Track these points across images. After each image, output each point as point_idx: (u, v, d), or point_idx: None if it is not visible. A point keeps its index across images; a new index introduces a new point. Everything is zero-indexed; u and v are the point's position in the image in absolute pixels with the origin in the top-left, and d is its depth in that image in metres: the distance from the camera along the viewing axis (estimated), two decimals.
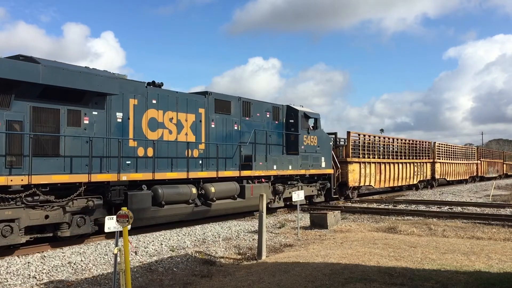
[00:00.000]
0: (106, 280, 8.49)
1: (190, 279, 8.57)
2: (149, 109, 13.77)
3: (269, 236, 13.23)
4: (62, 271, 9.23)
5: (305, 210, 19.36)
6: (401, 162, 29.79)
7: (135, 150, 13.28)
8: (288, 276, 8.33)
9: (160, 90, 14.31)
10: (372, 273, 8.27)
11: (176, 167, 14.51)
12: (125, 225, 6.67)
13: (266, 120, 18.68)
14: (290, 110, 19.94)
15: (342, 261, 9.38)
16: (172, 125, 14.55)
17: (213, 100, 16.11)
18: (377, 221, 16.56)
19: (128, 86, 13.19)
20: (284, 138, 19.62)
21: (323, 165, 21.31)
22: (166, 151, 14.27)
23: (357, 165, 24.59)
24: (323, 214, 15.03)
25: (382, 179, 27.27)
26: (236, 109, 17.17)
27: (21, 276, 8.76)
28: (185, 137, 14.94)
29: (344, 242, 11.99)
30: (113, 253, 6.96)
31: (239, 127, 17.26)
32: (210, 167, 15.72)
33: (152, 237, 12.67)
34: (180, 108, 14.82)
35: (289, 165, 19.01)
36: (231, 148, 16.79)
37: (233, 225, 15.43)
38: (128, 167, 13.01)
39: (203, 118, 15.69)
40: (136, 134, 13.34)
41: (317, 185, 21.29)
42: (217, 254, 11.07)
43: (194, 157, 15.26)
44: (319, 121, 21.23)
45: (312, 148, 20.64)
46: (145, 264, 9.82)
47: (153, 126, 13.90)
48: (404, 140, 31.86)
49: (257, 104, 18.30)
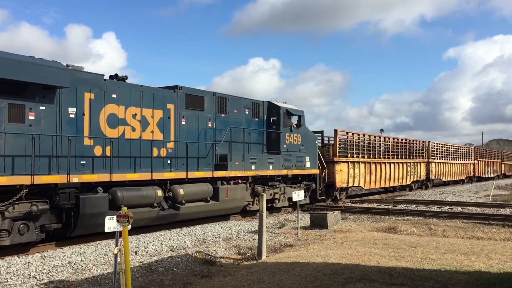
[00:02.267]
0: (106, 280, 8.47)
1: (190, 279, 8.57)
2: (108, 104, 12.58)
3: (269, 236, 13.18)
4: (62, 271, 9.20)
5: (305, 210, 19.06)
6: (393, 162, 28.62)
7: (91, 149, 12.10)
8: (288, 276, 8.31)
9: (121, 83, 13.13)
10: (372, 273, 8.25)
11: (140, 167, 13.34)
12: (125, 225, 6.67)
13: (244, 117, 17.50)
14: (272, 107, 18.78)
15: (342, 261, 9.36)
16: (136, 122, 13.37)
17: (183, 95, 14.93)
18: (377, 221, 16.43)
19: (83, 78, 12.00)
20: (265, 137, 18.45)
21: (307, 165, 20.14)
22: (128, 150, 13.09)
23: (345, 165, 23.41)
24: (323, 214, 14.96)
25: (372, 179, 26.09)
26: (211, 105, 15.99)
27: (21, 276, 8.74)
28: (151, 135, 13.76)
29: (344, 242, 11.92)
30: (113, 253, 6.97)
31: (214, 124, 16.08)
32: (180, 168, 14.54)
33: (152, 237, 12.58)
34: (145, 103, 13.64)
35: (270, 165, 17.84)
36: (204, 147, 15.62)
37: (233, 225, 15.30)
38: (82, 167, 11.83)
39: (172, 114, 14.50)
40: (92, 131, 12.15)
41: (302, 186, 20.11)
42: (217, 254, 11.04)
43: (161, 156, 14.08)
44: (303, 118, 20.05)
45: (296, 147, 19.47)
46: (145, 264, 9.79)
47: (113, 122, 12.72)
48: (397, 139, 30.70)
49: (234, 100, 17.13)
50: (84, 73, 12.12)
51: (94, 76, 12.37)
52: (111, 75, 13.47)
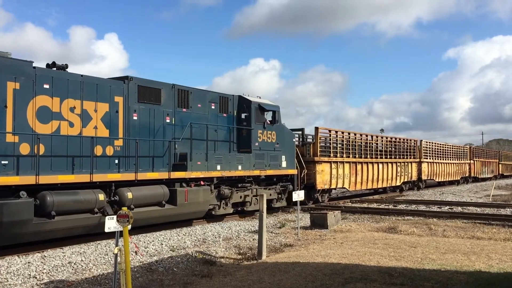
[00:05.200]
0: (107, 280, 8.44)
1: (190, 279, 8.56)
2: (38, 96, 10.96)
3: (269, 236, 13.15)
4: (63, 271, 9.17)
5: (305, 210, 18.74)
6: (381, 162, 27.00)
7: (15, 146, 10.47)
8: (288, 276, 8.30)
9: (55, 72, 11.52)
10: (372, 273, 8.26)
11: (79, 168, 11.72)
12: (125, 225, 6.63)
13: (210, 112, 15.88)
14: (243, 101, 17.17)
15: (342, 261, 9.36)
16: (75, 116, 11.75)
17: (135, 86, 13.31)
18: (377, 221, 16.32)
19: (5, 65, 10.38)
20: (234, 134, 16.84)
21: (283, 164, 18.53)
22: (64, 148, 11.47)
23: (327, 165, 21.78)
24: (324, 214, 14.87)
25: (358, 180, 24.46)
26: (169, 98, 14.36)
27: (21, 276, 8.69)
28: (94, 131, 12.15)
29: (345, 242, 11.89)
30: (114, 253, 6.92)
31: (173, 120, 14.46)
32: (131, 168, 12.93)
33: (152, 237, 12.49)
34: (86, 95, 12.02)
35: (239, 165, 16.22)
36: (161, 145, 14.00)
37: (233, 225, 15.15)
38: (4, 168, 10.21)
39: (120, 108, 12.88)
40: (17, 126, 10.53)
41: (277, 188, 18.52)
42: (217, 254, 11.01)
43: (107, 155, 12.46)
44: (279, 114, 18.45)
45: (270, 146, 17.86)
46: (145, 264, 9.77)
47: (45, 116, 11.10)
48: (386, 138, 29.12)
49: (197, 93, 15.51)
50: (7, 60, 10.50)
51: (20, 63, 10.74)
52: (47, 63, 11.90)
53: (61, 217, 10.83)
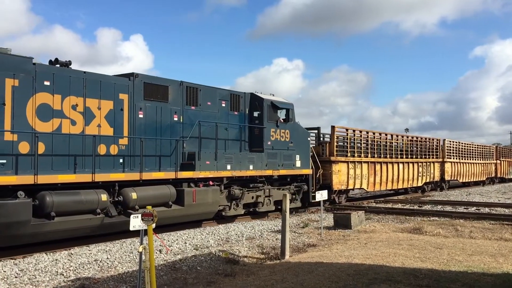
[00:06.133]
0: (132, 278, 8.49)
1: (214, 278, 8.54)
2: (38, 93, 10.65)
3: (293, 236, 13.00)
4: (89, 268, 9.24)
5: (328, 210, 18.47)
6: (401, 161, 26.12)
7: (14, 145, 10.17)
8: (311, 276, 8.25)
9: (56, 68, 11.19)
10: (397, 274, 8.15)
11: (82, 167, 11.38)
12: (150, 224, 6.68)
13: (220, 110, 15.41)
14: (255, 99, 16.65)
15: (366, 262, 9.24)
16: (77, 114, 11.41)
17: (141, 83, 12.92)
18: (402, 221, 16.10)
19: (3, 61, 10.08)
20: (246, 132, 16.33)
21: (297, 164, 17.94)
22: (66, 147, 11.14)
23: (344, 165, 21.08)
24: (347, 214, 14.72)
25: (377, 181, 23.66)
26: (177, 96, 13.94)
27: (49, 273, 8.78)
28: (98, 130, 11.79)
29: (368, 242, 11.80)
30: (138, 251, 6.88)
31: (181, 118, 14.03)
32: (137, 168, 12.55)
33: (176, 235, 12.53)
34: (89, 92, 11.67)
35: (250, 164, 15.71)
36: (168, 144, 13.59)
37: (256, 224, 15.08)
38: (2, 167, 9.91)
39: (125, 105, 12.51)
40: (16, 124, 10.23)
41: (291, 189, 17.94)
42: (240, 253, 10.98)
43: (111, 154, 12.10)
44: (293, 112, 17.87)
45: (283, 144, 17.30)
46: (170, 262, 9.78)
47: (46, 114, 10.78)
48: (406, 137, 28.20)
49: (207, 90, 15.05)
50: (5, 56, 10.20)
51: (19, 59, 10.43)
52: (50, 59, 11.61)
53: (61, 218, 10.50)
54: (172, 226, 13.59)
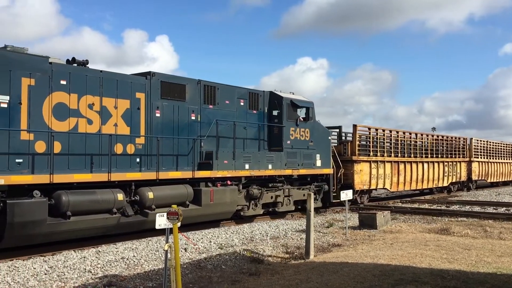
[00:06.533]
0: (157, 276, 8.57)
1: (238, 277, 8.56)
2: (54, 92, 10.65)
3: (317, 235, 12.94)
4: (116, 265, 9.37)
5: (353, 210, 18.34)
6: (426, 161, 25.50)
7: (30, 144, 10.19)
8: (336, 276, 8.17)
9: (73, 68, 11.19)
10: (424, 275, 8.01)
11: (98, 167, 11.35)
12: (175, 222, 6.76)
13: (239, 109, 15.24)
14: (274, 98, 16.42)
15: (392, 262, 9.14)
16: (93, 113, 11.38)
17: (158, 82, 12.84)
18: (429, 222, 15.85)
19: (19, 61, 10.10)
20: (265, 131, 16.12)
21: (318, 163, 17.64)
22: (82, 146, 11.13)
23: (366, 164, 20.65)
24: (373, 214, 14.60)
25: (400, 181, 23.13)
26: (194, 95, 13.83)
27: (77, 270, 8.93)
28: (114, 129, 11.76)
29: (394, 243, 11.68)
30: (164, 250, 7.01)
31: (198, 117, 13.91)
32: (154, 167, 12.47)
33: (201, 234, 12.60)
34: (106, 91, 11.64)
35: (269, 164, 15.49)
36: (186, 143, 13.48)
37: (280, 224, 15.06)
38: (18, 167, 9.95)
39: (142, 104, 12.44)
40: (33, 123, 10.25)
41: (312, 188, 17.65)
42: (265, 252, 10.97)
43: (128, 154, 12.05)
44: (313, 111, 17.56)
45: (303, 144, 17.02)
46: (195, 261, 9.84)
47: (62, 114, 10.78)
48: (432, 136, 27.52)
49: (225, 89, 14.89)
50: (21, 55, 10.23)
51: (35, 58, 10.46)
52: (68, 59, 11.62)
53: (77, 217, 10.48)
54: (191, 226, 13.45)
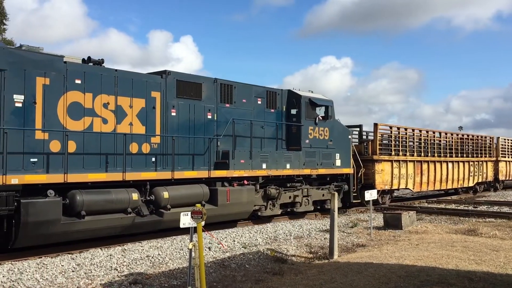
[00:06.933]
0: (182, 274, 8.63)
1: (262, 276, 8.59)
2: (69, 91, 10.63)
3: (341, 235, 12.94)
4: (141, 264, 9.51)
5: (378, 210, 18.25)
6: (451, 160, 24.85)
7: (45, 144, 10.18)
8: (361, 276, 8.09)
9: (87, 67, 11.15)
10: (450, 277, 7.90)
11: (113, 166, 11.30)
12: (199, 221, 6.82)
13: (256, 108, 15.04)
14: (292, 96, 16.17)
15: (418, 263, 9.02)
16: (108, 113, 11.33)
17: (173, 81, 12.73)
18: (456, 222, 15.67)
19: (34, 60, 10.10)
20: (283, 130, 15.88)
21: (337, 163, 17.30)
22: (97, 145, 11.09)
23: (388, 164, 20.20)
24: (398, 214, 14.43)
25: (424, 181, 22.57)
26: (210, 93, 13.68)
27: (103, 268, 9.07)
28: (129, 128, 11.69)
29: (420, 243, 11.54)
30: (188, 248, 7.13)
31: (215, 116, 13.76)
32: (169, 166, 12.36)
33: (225, 233, 12.66)
34: (121, 90, 11.58)
35: (287, 163, 15.25)
36: (202, 142, 13.34)
37: (304, 223, 15.00)
38: (33, 166, 9.95)
39: (157, 103, 12.35)
40: (47, 123, 10.23)
41: (331, 188, 17.32)
42: (289, 252, 10.98)
43: (143, 153, 11.97)
44: (332, 109, 17.23)
45: (322, 143, 16.71)
46: (218, 259, 9.92)
47: (77, 113, 10.75)
48: (457, 135, 26.82)
49: (242, 87, 14.71)
50: (36, 54, 10.23)
51: (50, 57, 10.44)
52: (83, 58, 11.60)
53: (92, 217, 10.44)
54: (206, 226, 13.31)
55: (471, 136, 28.18)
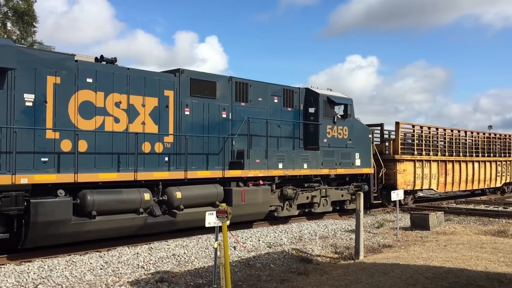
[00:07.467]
0: (207, 273, 8.65)
1: (287, 276, 8.57)
2: (80, 90, 10.53)
3: (367, 236, 12.77)
4: (167, 262, 9.61)
5: (404, 211, 18.04)
6: (477, 160, 24.04)
7: (56, 143, 10.11)
8: (387, 277, 8.00)
9: (99, 65, 11.05)
10: (479, 279, 7.75)
11: (126, 166, 11.17)
12: (224, 221, 6.82)
13: (272, 107, 14.74)
14: (310, 94, 15.82)
15: (445, 265, 8.91)
16: (120, 112, 11.21)
17: (187, 79, 12.55)
18: (485, 223, 15.37)
19: (45, 59, 10.03)
20: (301, 130, 15.54)
21: (357, 163, 16.86)
22: (109, 145, 10.97)
23: (410, 163, 19.62)
24: (425, 215, 14.24)
25: (448, 181, 21.86)
26: (225, 92, 13.45)
27: (130, 266, 9.20)
28: (142, 127, 11.55)
29: (448, 244, 11.41)
30: (213, 247, 7.11)
31: (230, 115, 13.52)
32: (183, 166, 12.18)
33: (250, 233, 12.69)
34: (133, 89, 11.45)
35: (304, 163, 14.90)
36: (217, 142, 13.12)
37: (329, 223, 14.94)
38: (44, 166, 9.88)
39: (171, 102, 12.18)
40: (58, 122, 10.16)
41: (350, 189, 16.90)
42: (314, 252, 10.95)
43: (156, 153, 11.82)
44: (351, 108, 16.80)
45: (341, 142, 16.31)
46: (244, 259, 9.94)
47: (88, 112, 10.65)
48: (483, 134, 25.96)
49: (258, 85, 14.43)
50: (46, 53, 10.17)
51: (61, 56, 10.37)
52: (96, 57, 11.51)
53: (103, 217, 10.33)
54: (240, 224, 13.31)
55: (499, 135, 27.26)
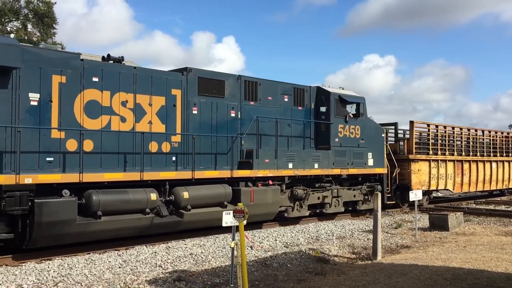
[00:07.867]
0: (224, 272, 8.66)
1: (304, 276, 8.56)
2: (86, 89, 10.45)
3: (385, 236, 12.73)
4: (185, 261, 9.66)
5: (423, 211, 17.92)
6: (495, 160, 23.47)
7: (61, 143, 10.04)
8: (405, 278, 7.94)
9: (105, 64, 10.96)
10: (500, 280, 7.64)
11: (132, 166, 11.07)
12: (241, 220, 6.83)
13: (282, 105, 14.52)
14: (321, 93, 15.55)
15: (465, 266, 8.80)
16: (127, 111, 11.10)
17: (195, 78, 12.40)
18: (506, 224, 15.15)
19: (50, 58, 9.96)
20: (312, 129, 15.29)
21: (370, 162, 16.53)
22: (115, 144, 10.87)
23: (425, 163, 19.20)
24: (444, 216, 14.06)
25: (465, 181, 21.37)
26: (234, 91, 13.27)
27: (148, 265, 9.27)
28: (149, 127, 11.43)
29: (468, 245, 11.30)
30: (230, 247, 7.12)
31: (239, 114, 13.34)
32: (190, 166, 12.03)
33: (266, 233, 12.71)
34: (140, 88, 11.33)
35: (315, 162, 14.64)
36: (225, 141, 12.95)
37: (346, 223, 14.89)
38: (49, 165, 9.81)
39: (178, 101, 12.04)
40: (64, 121, 10.08)
41: (363, 189, 16.59)
42: (331, 252, 10.91)
43: (163, 152, 11.69)
44: (364, 107, 16.48)
45: (353, 141, 16.00)
46: (261, 259, 9.93)
47: (94, 111, 10.56)
48: (502, 134, 25.34)
49: (268, 84, 14.22)
50: (52, 52, 10.10)
51: (66, 55, 10.30)
52: (103, 56, 11.44)
53: (109, 217, 10.22)
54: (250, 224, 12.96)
55: None
